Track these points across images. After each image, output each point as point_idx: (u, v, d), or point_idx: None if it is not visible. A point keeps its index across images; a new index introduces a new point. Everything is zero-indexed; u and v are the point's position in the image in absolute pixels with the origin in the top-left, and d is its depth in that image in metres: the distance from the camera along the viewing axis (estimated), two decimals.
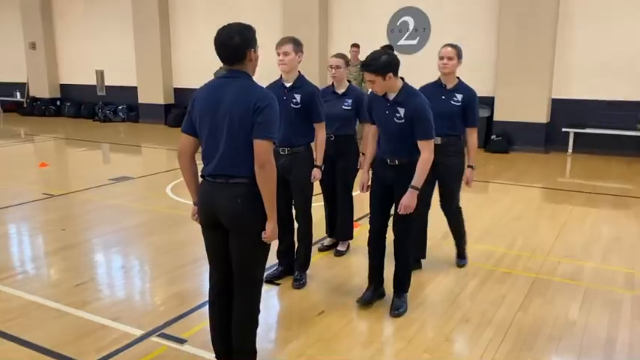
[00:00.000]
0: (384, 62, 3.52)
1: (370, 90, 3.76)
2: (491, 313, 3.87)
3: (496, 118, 10.75)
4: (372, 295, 4.01)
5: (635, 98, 9.69)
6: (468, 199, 6.95)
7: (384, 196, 3.85)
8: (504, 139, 10.49)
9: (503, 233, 5.64)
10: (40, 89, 17.42)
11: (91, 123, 15.68)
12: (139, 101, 15.49)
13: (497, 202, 7.00)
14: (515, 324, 3.70)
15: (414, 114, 3.58)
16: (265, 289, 4.23)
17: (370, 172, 4.02)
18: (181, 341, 3.48)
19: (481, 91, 10.89)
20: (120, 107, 15.81)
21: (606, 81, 9.93)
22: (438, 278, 4.50)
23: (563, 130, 10.32)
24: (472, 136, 4.46)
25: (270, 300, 4.17)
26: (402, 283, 3.91)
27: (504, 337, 3.54)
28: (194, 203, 2.97)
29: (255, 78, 2.82)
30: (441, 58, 4.33)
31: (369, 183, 4.00)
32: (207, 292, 3.08)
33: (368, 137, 4.06)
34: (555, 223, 5.97)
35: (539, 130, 10.42)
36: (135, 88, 15.51)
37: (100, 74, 16.61)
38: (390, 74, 3.54)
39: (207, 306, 3.14)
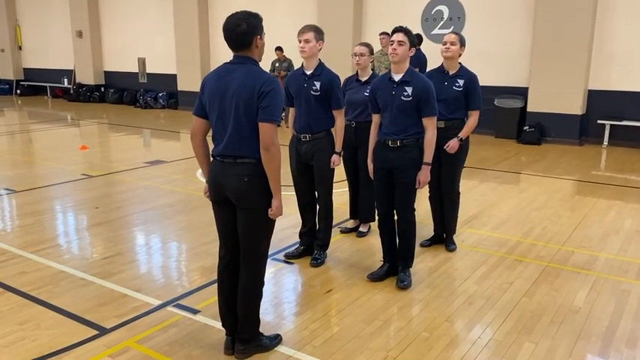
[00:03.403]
0: (414, 34, 3.90)
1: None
2: (496, 297, 3.94)
3: (529, 109, 10.59)
4: (383, 272, 4.21)
5: None
6: (491, 189, 7.02)
7: (387, 182, 4.02)
8: (537, 130, 10.33)
9: (522, 222, 5.64)
10: (86, 76, 18.14)
11: (133, 109, 16.24)
12: (179, 89, 15.94)
13: (522, 192, 6.96)
14: (518, 309, 3.77)
15: (422, 93, 3.82)
16: (280, 267, 4.49)
17: None
18: (194, 312, 3.70)
19: (515, 81, 10.98)
20: (160, 94, 16.31)
21: None
22: (449, 263, 4.58)
23: (599, 122, 10.09)
24: (473, 117, 4.55)
25: (284, 277, 4.36)
26: (405, 259, 4.13)
27: (505, 320, 3.61)
28: (206, 181, 3.17)
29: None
30: (444, 44, 4.46)
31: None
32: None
33: (371, 127, 4.19)
34: (577, 214, 5.93)
35: (573, 122, 10.21)
36: (175, 76, 15.97)
37: (142, 62, 17.15)
38: (413, 49, 3.88)
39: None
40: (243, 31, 2.87)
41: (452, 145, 4.51)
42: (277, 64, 12.44)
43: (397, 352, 3.23)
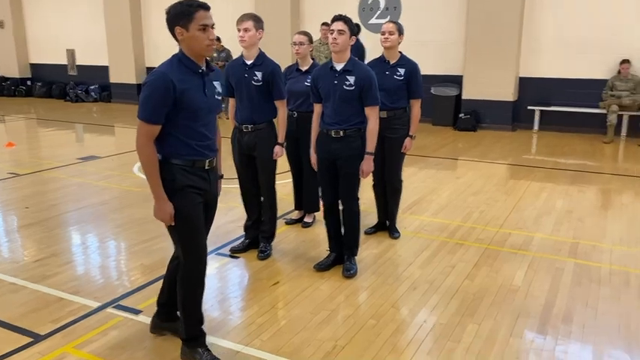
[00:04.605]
0: (354, 23, 3.85)
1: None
2: (439, 281, 4.03)
3: (464, 96, 10.90)
4: (329, 262, 4.22)
5: (598, 76, 9.88)
6: (430, 176, 7.17)
7: (331, 172, 4.02)
8: (472, 117, 10.65)
9: (461, 207, 5.80)
10: (9, 69, 17.10)
11: (63, 103, 15.48)
12: (111, 81, 15.33)
13: (460, 178, 7.16)
14: (461, 291, 3.87)
15: (364, 82, 3.81)
16: (225, 261, 4.41)
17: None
18: (136, 312, 3.57)
19: (450, 69, 11.23)
20: (92, 87, 15.62)
21: (571, 60, 10.13)
22: (393, 249, 4.65)
23: (529, 108, 10.52)
24: (415, 108, 4.62)
25: (230, 272, 4.28)
26: (350, 248, 4.16)
27: (449, 303, 3.70)
28: None
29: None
30: (383, 33, 4.49)
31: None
32: (168, 263, 3.22)
33: (313, 117, 4.16)
34: (512, 198, 6.16)
35: (506, 108, 10.60)
36: (107, 68, 15.33)
37: (71, 53, 16.35)
38: (354, 37, 3.84)
39: (162, 280, 3.26)
40: (167, 20, 2.76)
41: (407, 146, 4.60)
42: (215, 55, 12.18)
43: (345, 340, 3.24)
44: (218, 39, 12.06)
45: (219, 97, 2.94)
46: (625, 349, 3.18)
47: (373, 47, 8.81)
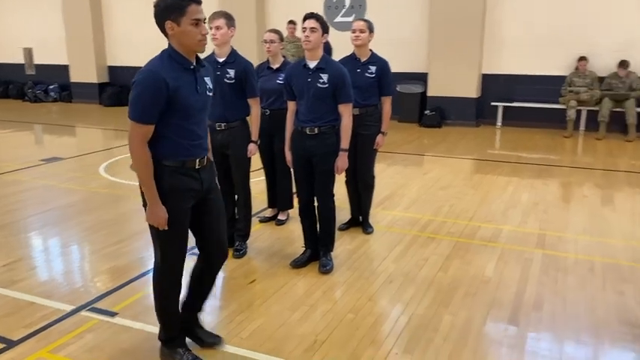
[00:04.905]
0: (325, 21, 3.88)
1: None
2: (414, 274, 4.11)
3: (429, 93, 11.07)
4: (305, 258, 4.25)
5: (557, 73, 10.20)
6: (399, 172, 7.28)
7: (306, 169, 4.05)
8: (438, 113, 10.84)
9: (431, 201, 5.92)
10: None
11: (21, 103, 14.98)
12: (72, 80, 14.92)
13: (428, 173, 7.29)
14: (436, 283, 3.96)
15: (338, 79, 3.84)
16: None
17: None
18: (112, 314, 3.51)
19: (415, 67, 11.36)
20: (51, 87, 15.17)
21: (531, 57, 10.40)
22: (367, 244, 4.71)
23: (492, 104, 10.77)
24: (387, 105, 4.69)
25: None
26: (326, 244, 4.21)
27: (424, 295, 3.78)
28: None
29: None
30: (353, 31, 4.54)
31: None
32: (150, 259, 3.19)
33: (287, 115, 4.19)
34: (479, 192, 6.31)
35: (470, 105, 10.82)
36: (67, 67, 14.92)
37: (28, 52, 15.85)
38: (326, 35, 3.85)
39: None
40: (156, 14, 2.66)
41: (379, 142, 4.67)
42: None
43: (325, 335, 3.27)
44: None
45: (211, 94, 2.85)
46: (592, 333, 3.32)
47: (340, 46, 8.88)
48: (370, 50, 4.63)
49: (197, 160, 2.78)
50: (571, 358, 3.10)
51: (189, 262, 3.00)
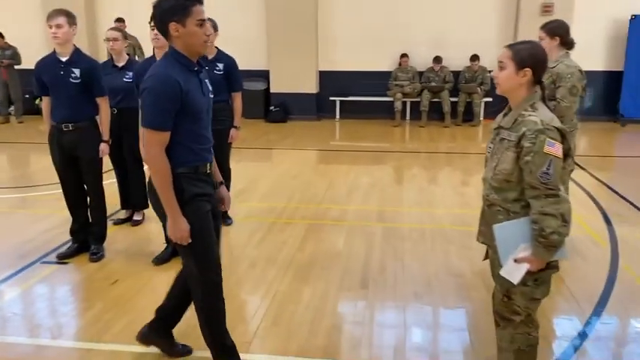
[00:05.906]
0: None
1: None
2: (274, 257, 4.43)
3: (273, 90, 11.52)
4: (167, 255, 4.33)
5: (385, 68, 11.26)
6: (251, 166, 7.57)
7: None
8: (282, 109, 11.33)
9: (283, 190, 6.31)
10: None
11: None
12: None
13: (279, 165, 7.71)
14: (295, 262, 4.32)
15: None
16: (54, 269, 4.24)
17: None
18: None
19: (257, 64, 11.70)
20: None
21: (361, 54, 11.33)
22: (229, 235, 4.92)
23: (331, 98, 11.56)
24: (237, 100, 4.92)
25: (64, 276, 4.15)
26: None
27: (285, 273, 4.12)
28: None
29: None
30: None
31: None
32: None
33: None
34: (325, 178, 6.87)
35: (310, 100, 11.48)
36: None
37: None
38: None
39: None
40: (157, 15, 2.51)
41: (233, 136, 4.86)
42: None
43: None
44: (1, 35, 10.90)
45: (212, 96, 2.75)
46: (425, 284, 3.94)
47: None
48: (216, 48, 4.81)
49: (207, 165, 2.69)
50: (411, 305, 3.66)
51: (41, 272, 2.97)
